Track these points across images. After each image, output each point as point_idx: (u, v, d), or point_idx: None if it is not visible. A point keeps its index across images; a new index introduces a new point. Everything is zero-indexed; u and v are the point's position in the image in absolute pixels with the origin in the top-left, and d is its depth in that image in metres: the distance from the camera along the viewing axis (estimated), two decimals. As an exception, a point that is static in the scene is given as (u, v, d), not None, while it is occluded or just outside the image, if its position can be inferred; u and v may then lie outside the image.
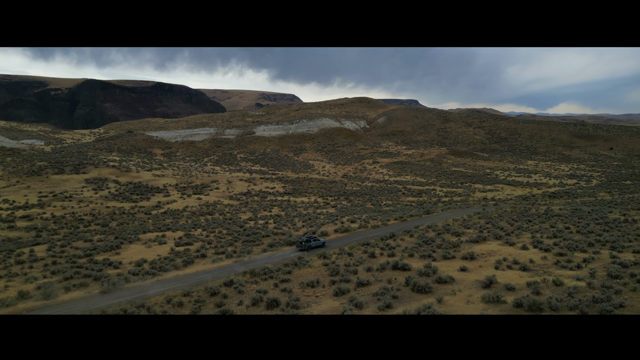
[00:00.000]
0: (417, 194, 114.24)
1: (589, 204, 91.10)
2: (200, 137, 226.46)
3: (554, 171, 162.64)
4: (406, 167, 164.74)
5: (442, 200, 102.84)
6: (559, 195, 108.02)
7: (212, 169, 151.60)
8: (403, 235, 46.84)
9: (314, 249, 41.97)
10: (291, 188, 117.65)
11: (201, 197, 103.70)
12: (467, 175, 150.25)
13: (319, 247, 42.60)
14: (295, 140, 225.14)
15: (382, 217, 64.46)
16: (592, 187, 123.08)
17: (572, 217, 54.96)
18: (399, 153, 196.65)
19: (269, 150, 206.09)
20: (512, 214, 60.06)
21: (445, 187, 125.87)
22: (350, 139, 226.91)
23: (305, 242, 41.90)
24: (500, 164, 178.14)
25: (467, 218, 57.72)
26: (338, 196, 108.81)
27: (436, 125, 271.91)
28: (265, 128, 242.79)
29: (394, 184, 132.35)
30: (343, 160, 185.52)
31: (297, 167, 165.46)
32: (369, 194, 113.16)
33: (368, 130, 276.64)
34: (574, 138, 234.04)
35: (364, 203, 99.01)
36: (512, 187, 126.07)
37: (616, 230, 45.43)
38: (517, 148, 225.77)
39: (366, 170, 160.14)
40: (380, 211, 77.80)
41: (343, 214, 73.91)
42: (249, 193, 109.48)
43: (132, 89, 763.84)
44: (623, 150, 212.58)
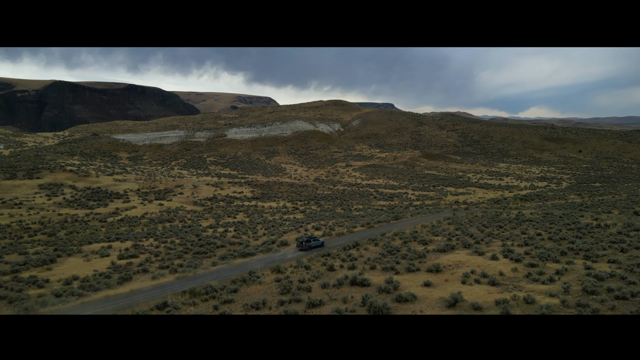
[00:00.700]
0: (389, 197, 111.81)
1: (560, 207, 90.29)
2: (169, 140, 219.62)
3: (525, 174, 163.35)
4: (379, 170, 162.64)
5: (413, 204, 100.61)
6: (530, 198, 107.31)
7: (178, 173, 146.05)
8: (367, 244, 43.66)
9: (313, 248, 43.35)
10: (260, 193, 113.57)
11: (163, 203, 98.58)
12: (439, 178, 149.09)
13: (318, 246, 43.90)
14: (268, 143, 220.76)
15: (349, 223, 61.31)
16: (562, 190, 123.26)
17: (543, 222, 52.92)
18: (372, 156, 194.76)
19: (240, 154, 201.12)
20: (482, 219, 57.75)
21: (418, 191, 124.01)
22: (324, 142, 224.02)
23: (305, 241, 42.99)
24: (472, 167, 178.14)
25: (436, 224, 55.07)
26: (308, 201, 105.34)
27: (410, 128, 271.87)
28: (237, 131, 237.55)
29: (366, 187, 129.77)
30: (316, 163, 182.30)
31: (268, 171, 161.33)
32: (340, 198, 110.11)
33: (342, 133, 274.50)
34: (544, 141, 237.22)
35: (334, 208, 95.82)
36: (484, 190, 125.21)
37: (589, 236, 43.38)
38: (490, 151, 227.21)
39: (339, 173, 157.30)
40: (349, 217, 74.68)
41: (310, 220, 70.50)
42: (214, 198, 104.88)
43: (103, 91, 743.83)
44: (591, 152, 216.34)
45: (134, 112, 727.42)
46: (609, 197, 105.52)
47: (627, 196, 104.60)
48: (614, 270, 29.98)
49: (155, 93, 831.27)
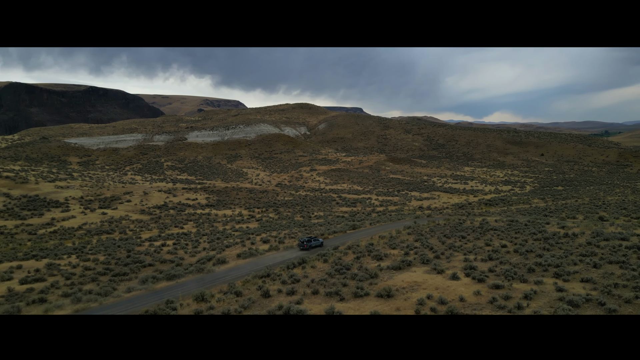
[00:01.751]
0: (352, 203, 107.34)
1: (525, 212, 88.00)
2: (125, 144, 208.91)
3: (490, 177, 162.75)
4: (344, 174, 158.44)
5: (376, 210, 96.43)
6: (494, 203, 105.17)
7: (131, 179, 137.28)
8: (316, 261, 38.53)
9: (314, 248, 45.90)
10: (215, 199, 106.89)
11: (107, 211, 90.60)
12: (404, 182, 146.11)
13: (318, 246, 46.47)
14: (231, 147, 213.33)
15: (302, 234, 56.06)
16: (526, 194, 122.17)
17: (508, 231, 49.20)
18: (337, 160, 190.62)
19: (200, 158, 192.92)
20: (444, 228, 53.66)
21: (382, 196, 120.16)
22: (289, 146, 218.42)
23: (306, 241, 45.61)
24: (437, 171, 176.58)
25: (395, 234, 50.54)
26: (266, 208, 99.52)
27: (376, 132, 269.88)
28: (198, 134, 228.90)
29: (329, 192, 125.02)
30: (279, 167, 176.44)
31: (228, 176, 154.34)
32: (301, 204, 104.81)
33: (309, 136, 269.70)
34: (508, 144, 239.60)
35: (294, 215, 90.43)
36: (449, 195, 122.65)
37: (557, 247, 39.69)
38: (455, 154, 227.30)
39: (302, 178, 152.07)
40: (305, 226, 69.46)
41: (263, 230, 64.92)
42: (165, 206, 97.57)
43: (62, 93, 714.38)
44: (553, 156, 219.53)
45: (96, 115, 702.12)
46: (572, 201, 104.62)
47: (589, 200, 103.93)
48: (589, 293, 25.90)
49: (118, 96, 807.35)
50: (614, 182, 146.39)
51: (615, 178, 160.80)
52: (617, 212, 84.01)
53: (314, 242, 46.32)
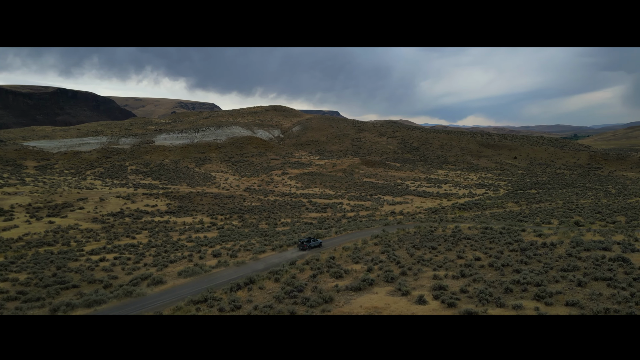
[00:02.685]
0: (322, 208, 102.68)
1: (499, 216, 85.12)
2: (88, 147, 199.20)
3: (464, 180, 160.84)
4: (316, 178, 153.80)
5: (347, 216, 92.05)
6: (468, 207, 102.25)
7: (90, 184, 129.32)
8: (265, 280, 33.58)
9: (313, 248, 47.16)
10: (177, 206, 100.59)
11: (55, 220, 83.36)
12: (377, 186, 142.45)
13: (317, 246, 47.71)
14: (200, 150, 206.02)
15: (260, 245, 51.00)
16: (500, 197, 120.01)
17: (482, 241, 45.31)
18: (311, 163, 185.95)
19: (167, 161, 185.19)
20: (414, 237, 49.45)
21: (354, 200, 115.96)
22: (261, 149, 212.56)
23: (306, 242, 46.95)
24: (411, 174, 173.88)
25: (360, 245, 46.01)
26: (231, 214, 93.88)
27: (351, 135, 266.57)
28: (166, 137, 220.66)
29: (300, 197, 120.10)
30: (250, 171, 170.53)
31: (195, 180, 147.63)
32: (269, 210, 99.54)
33: (282, 139, 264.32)
34: (481, 147, 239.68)
35: (259, 222, 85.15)
36: (422, 199, 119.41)
37: (535, 260, 35.83)
38: (429, 157, 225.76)
39: (273, 182, 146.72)
40: (267, 235, 64.39)
41: (221, 240, 59.56)
42: (120, 213, 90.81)
43: (28, 95, 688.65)
44: (526, 158, 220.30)
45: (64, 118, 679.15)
46: (546, 204, 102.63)
47: (563, 203, 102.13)
48: (577, 322, 21.87)
49: (88, 98, 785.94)
50: (586, 185, 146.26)
51: (587, 181, 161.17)
52: (592, 216, 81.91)
53: (312, 242, 47.51)
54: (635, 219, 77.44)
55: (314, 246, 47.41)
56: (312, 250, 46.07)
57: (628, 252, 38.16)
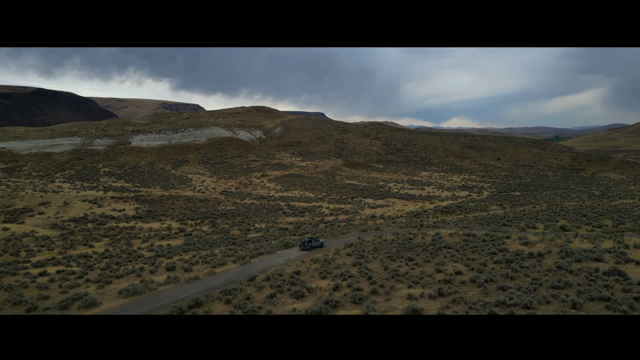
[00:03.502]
0: (300, 212, 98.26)
1: (483, 220, 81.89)
2: (61, 149, 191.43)
3: (447, 182, 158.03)
4: (297, 180, 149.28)
5: (325, 220, 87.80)
6: (451, 210, 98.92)
7: (57, 187, 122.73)
8: (215, 302, 29.01)
9: (314, 248, 47.97)
10: (146, 210, 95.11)
11: (11, 226, 77.35)
12: (359, 188, 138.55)
13: (318, 247, 48.65)
14: (178, 151, 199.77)
15: (222, 256, 46.37)
16: (483, 200, 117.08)
17: (464, 250, 41.44)
18: (292, 165, 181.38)
19: (143, 163, 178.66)
20: (391, 246, 45.36)
21: (334, 204, 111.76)
22: (241, 150, 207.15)
23: (307, 242, 47.97)
24: (394, 176, 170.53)
25: (332, 256, 41.72)
26: (202, 219, 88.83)
27: (334, 136, 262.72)
28: (143, 137, 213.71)
29: (278, 200, 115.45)
30: (229, 173, 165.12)
31: (170, 183, 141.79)
32: (243, 214, 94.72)
33: (264, 140, 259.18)
34: (465, 149, 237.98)
35: (231, 228, 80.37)
36: (404, 202, 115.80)
37: (522, 274, 31.99)
38: (412, 159, 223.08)
39: (252, 184, 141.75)
40: (235, 243, 59.75)
41: (183, 250, 54.77)
42: (84, 218, 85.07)
43: (5, 95, 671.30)
44: (509, 160, 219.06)
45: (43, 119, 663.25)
46: (530, 207, 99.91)
47: (547, 206, 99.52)
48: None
49: (68, 98, 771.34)
50: (569, 187, 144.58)
51: (570, 182, 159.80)
52: (577, 220, 79.12)
53: (314, 242, 48.56)
54: (622, 223, 74.82)
55: (315, 246, 48.48)
56: (313, 250, 47.10)
57: (622, 263, 34.68)
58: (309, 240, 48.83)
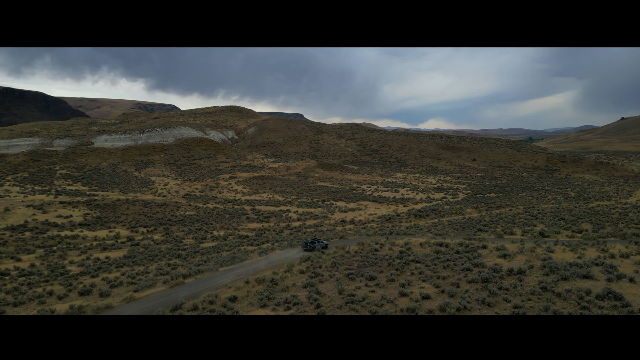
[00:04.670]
0: (265, 217, 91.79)
1: (458, 225, 77.19)
2: (17, 150, 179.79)
3: (422, 184, 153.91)
4: (267, 182, 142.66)
5: (291, 226, 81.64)
6: (425, 214, 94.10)
7: (4, 191, 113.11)
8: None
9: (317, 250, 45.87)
10: (96, 216, 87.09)
11: None
12: (332, 191, 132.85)
13: (323, 248, 47.50)
14: (144, 152, 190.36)
15: (154, 274, 39.70)
16: (459, 202, 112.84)
17: (435, 265, 35.91)
18: (263, 166, 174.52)
19: (105, 165, 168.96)
20: (353, 260, 39.53)
21: (303, 207, 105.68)
22: (210, 151, 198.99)
23: (310, 243, 47.56)
24: (369, 177, 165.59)
25: (282, 274, 35.57)
26: (157, 226, 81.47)
27: (309, 137, 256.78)
28: (107, 138, 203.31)
29: (244, 204, 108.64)
30: (195, 175, 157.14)
31: (130, 186, 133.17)
32: (203, 220, 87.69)
33: (237, 141, 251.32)
34: (441, 150, 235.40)
35: (186, 236, 73.40)
36: (377, 205, 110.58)
37: (501, 299, 26.52)
38: (388, 160, 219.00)
39: (218, 187, 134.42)
40: (182, 255, 53.06)
41: (119, 264, 47.90)
42: (23, 226, 76.68)
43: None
44: (485, 161, 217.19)
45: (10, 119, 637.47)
46: (507, 209, 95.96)
47: (524, 208, 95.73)
48: None
49: (37, 98, 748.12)
50: (545, 188, 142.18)
51: (545, 183, 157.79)
52: (555, 223, 75.18)
53: (317, 244, 47.86)
54: (602, 227, 71.12)
55: (318, 247, 47.52)
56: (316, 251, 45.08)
57: (614, 280, 29.80)
58: (312, 241, 48.08)
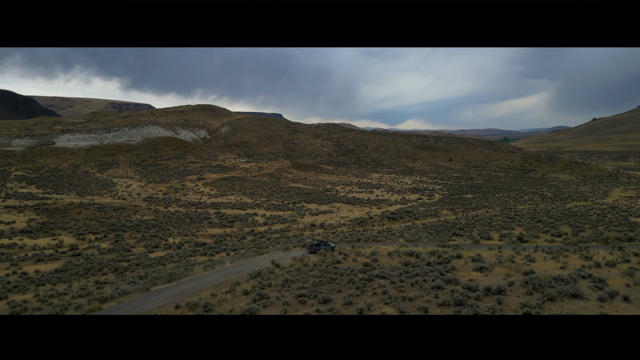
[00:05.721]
0: (230, 222, 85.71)
1: (432, 228, 72.88)
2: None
3: (398, 185, 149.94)
4: (236, 184, 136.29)
5: (255, 232, 75.87)
6: (399, 217, 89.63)
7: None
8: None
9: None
10: (42, 222, 79.54)
11: None
12: (304, 192, 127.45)
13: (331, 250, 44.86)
14: (108, 152, 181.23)
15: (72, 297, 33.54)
16: (434, 204, 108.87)
17: (402, 283, 30.87)
18: (234, 167, 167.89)
19: (65, 166, 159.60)
20: (309, 276, 34.17)
21: (271, 210, 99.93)
22: (180, 151, 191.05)
23: (315, 245, 45.99)
24: (344, 178, 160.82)
25: (221, 296, 29.87)
26: (108, 232, 74.57)
27: (284, 137, 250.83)
28: (70, 137, 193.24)
29: (209, 207, 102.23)
30: (161, 176, 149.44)
31: (89, 188, 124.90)
32: (160, 225, 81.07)
33: (209, 141, 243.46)
34: (417, 149, 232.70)
35: (137, 244, 66.86)
36: (350, 207, 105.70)
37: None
38: (364, 160, 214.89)
39: (184, 189, 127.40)
40: (120, 269, 46.81)
41: (44, 280, 41.65)
42: (-47, 235, 68.76)
43: None
44: (461, 161, 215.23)
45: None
46: (483, 211, 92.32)
47: (500, 210, 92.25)
48: None
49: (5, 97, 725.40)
50: (521, 188, 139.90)
51: (521, 184, 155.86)
52: (533, 226, 71.61)
53: (324, 246, 46.38)
54: (582, 230, 67.79)
55: (322, 251, 44.98)
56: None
57: (607, 299, 25.72)
58: (317, 243, 46.52)
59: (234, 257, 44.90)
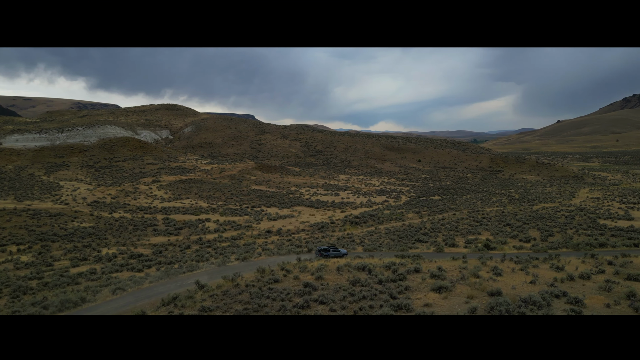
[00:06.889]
0: (177, 229, 78.43)
1: (395, 234, 67.93)
2: None
3: (365, 187, 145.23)
4: (193, 186, 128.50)
5: (203, 240, 69.06)
6: (362, 221, 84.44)
7: None
8: None
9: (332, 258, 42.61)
10: (-41, 231, 70.33)
11: None
12: (266, 195, 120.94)
13: (338, 257, 43.93)
14: (59, 153, 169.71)
15: None
16: (400, 207, 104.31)
17: (343, 311, 25.15)
18: (195, 169, 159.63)
19: (10, 168, 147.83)
20: (235, 301, 28.03)
21: (227, 215, 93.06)
22: (137, 152, 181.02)
23: (324, 250, 44.82)
24: (310, 180, 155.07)
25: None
26: (35, 242, 66.26)
27: (250, 137, 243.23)
28: (19, 138, 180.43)
29: (158, 212, 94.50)
30: (113, 179, 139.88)
31: (31, 192, 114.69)
32: (98, 234, 73.13)
33: (171, 141, 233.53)
34: (386, 150, 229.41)
35: (63, 256, 59.05)
36: (313, 210, 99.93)
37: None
38: (332, 161, 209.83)
39: (136, 192, 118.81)
40: (21, 289, 39.46)
41: None
42: None
43: None
44: (430, 162, 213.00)
45: None
46: (450, 214, 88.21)
47: (468, 212, 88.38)
48: None
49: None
50: (489, 190, 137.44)
51: (489, 185, 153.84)
52: (501, 230, 67.60)
53: (332, 252, 44.85)
54: (551, 234, 64.04)
55: (333, 256, 44.31)
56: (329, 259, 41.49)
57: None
58: (326, 248, 45.30)
59: (159, 275, 38.20)
